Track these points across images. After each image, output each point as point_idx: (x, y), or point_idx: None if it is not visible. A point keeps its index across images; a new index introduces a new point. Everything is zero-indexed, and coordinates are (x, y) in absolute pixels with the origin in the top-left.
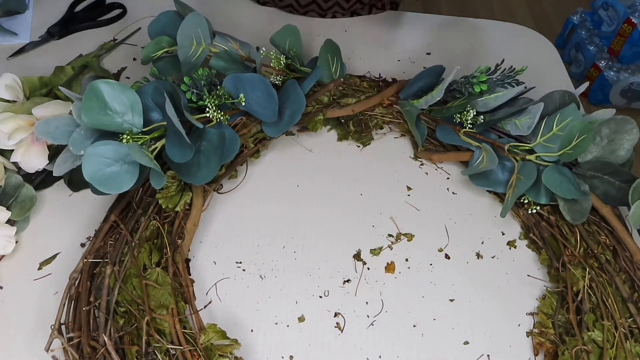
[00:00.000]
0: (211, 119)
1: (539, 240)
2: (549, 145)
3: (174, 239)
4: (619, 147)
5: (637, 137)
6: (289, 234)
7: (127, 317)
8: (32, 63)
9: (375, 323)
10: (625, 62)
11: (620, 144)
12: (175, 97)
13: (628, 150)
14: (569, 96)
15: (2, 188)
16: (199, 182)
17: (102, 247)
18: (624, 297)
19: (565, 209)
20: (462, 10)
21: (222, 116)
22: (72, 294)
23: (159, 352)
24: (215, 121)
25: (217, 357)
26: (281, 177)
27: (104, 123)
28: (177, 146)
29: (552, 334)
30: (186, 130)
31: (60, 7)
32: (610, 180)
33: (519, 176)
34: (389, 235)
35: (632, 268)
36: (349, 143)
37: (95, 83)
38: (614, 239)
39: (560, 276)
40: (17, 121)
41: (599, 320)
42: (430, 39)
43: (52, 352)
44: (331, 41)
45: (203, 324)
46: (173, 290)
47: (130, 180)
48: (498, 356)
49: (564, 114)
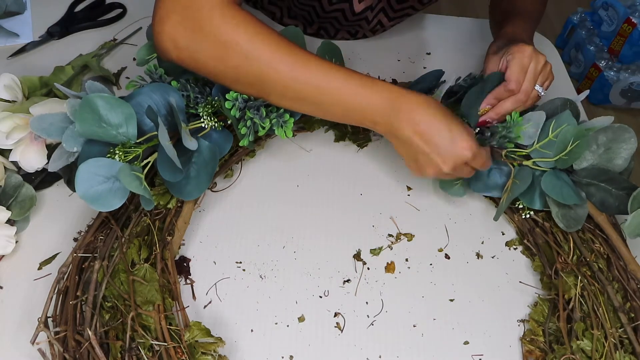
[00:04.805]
0: (205, 127)
1: (533, 247)
2: (545, 151)
3: (164, 235)
4: (616, 156)
5: (635, 146)
6: (289, 234)
7: (113, 312)
8: (32, 63)
9: (375, 323)
10: (625, 62)
11: (618, 153)
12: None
13: (625, 160)
14: (571, 104)
15: (2, 188)
16: (187, 197)
17: (92, 242)
18: (615, 306)
19: (558, 216)
20: (462, 10)
21: (216, 123)
22: (61, 288)
23: (143, 348)
24: (209, 128)
25: (200, 355)
26: (280, 176)
27: (98, 134)
28: (168, 166)
29: (542, 342)
30: (179, 137)
31: (60, 7)
32: (606, 188)
33: (514, 181)
34: (389, 235)
35: (625, 277)
36: (346, 143)
37: (91, 97)
38: (608, 247)
39: (552, 283)
40: (15, 120)
41: (588, 329)
42: (430, 39)
43: (37, 345)
44: (330, 42)
45: (189, 321)
46: (161, 287)
47: (121, 198)
48: (498, 356)
49: (559, 120)
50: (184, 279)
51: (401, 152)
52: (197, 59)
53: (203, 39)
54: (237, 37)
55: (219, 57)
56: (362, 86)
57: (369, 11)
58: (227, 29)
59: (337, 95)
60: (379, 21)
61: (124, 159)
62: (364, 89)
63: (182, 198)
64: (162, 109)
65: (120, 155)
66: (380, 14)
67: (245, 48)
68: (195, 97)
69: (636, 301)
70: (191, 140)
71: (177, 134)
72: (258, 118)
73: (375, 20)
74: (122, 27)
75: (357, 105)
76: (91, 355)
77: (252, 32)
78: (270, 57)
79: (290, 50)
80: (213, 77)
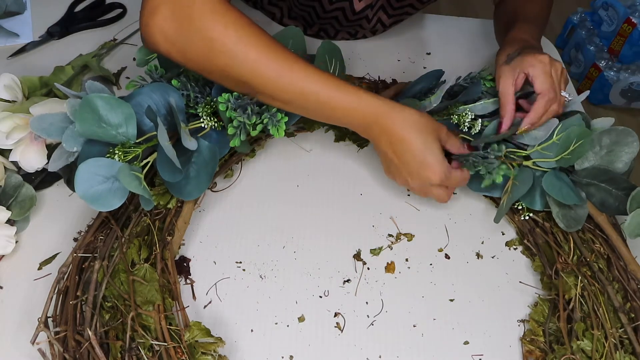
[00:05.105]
0: (205, 127)
1: (533, 247)
2: (545, 152)
3: (164, 235)
4: (617, 159)
5: (636, 150)
6: (289, 234)
7: (113, 312)
8: (32, 63)
9: (375, 323)
10: (625, 62)
11: (619, 156)
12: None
13: (626, 164)
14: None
15: (2, 188)
16: (187, 197)
17: (92, 242)
18: (615, 306)
19: (559, 216)
20: (462, 10)
21: (216, 123)
22: (61, 288)
23: (142, 348)
24: (209, 128)
25: (200, 355)
26: (280, 176)
27: (98, 134)
28: (167, 166)
29: (542, 342)
30: (178, 137)
31: (60, 7)
32: (607, 188)
33: (514, 182)
34: (389, 235)
35: (625, 277)
36: (346, 143)
37: (91, 97)
38: (608, 247)
39: (552, 284)
40: (15, 120)
41: (589, 329)
42: (430, 39)
43: (37, 345)
44: (329, 42)
45: (189, 321)
46: (161, 287)
47: (120, 198)
48: (498, 356)
49: (565, 124)
50: (184, 279)
51: (378, 154)
52: (185, 53)
53: (192, 35)
54: (225, 37)
55: (207, 54)
56: (347, 100)
57: (369, 9)
58: (217, 27)
59: (322, 106)
60: (379, 19)
61: (124, 159)
62: (348, 103)
63: (182, 198)
64: (161, 108)
65: (120, 155)
66: (380, 11)
67: (233, 49)
68: (195, 96)
69: (636, 301)
70: (191, 140)
71: (176, 134)
72: (245, 118)
73: (375, 19)
74: (122, 27)
75: (340, 115)
76: (91, 355)
77: (240, 33)
78: (257, 61)
79: (277, 55)
80: (201, 72)
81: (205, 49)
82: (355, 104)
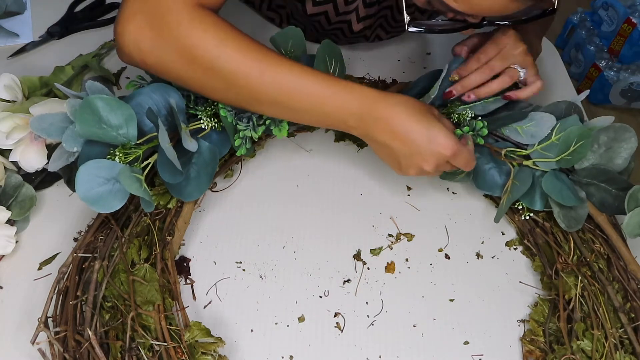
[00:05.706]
0: (205, 128)
1: (533, 247)
2: (545, 153)
3: (164, 235)
4: (617, 156)
5: (635, 145)
6: (289, 234)
7: (113, 312)
8: (32, 63)
9: (375, 323)
10: (625, 62)
11: (618, 153)
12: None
13: (625, 159)
14: (575, 108)
15: (2, 188)
16: (187, 198)
17: (92, 242)
18: (615, 306)
19: (560, 216)
20: None
21: (216, 124)
22: (61, 288)
23: (142, 348)
24: (209, 129)
25: (200, 355)
26: (280, 176)
27: (98, 135)
28: (168, 167)
29: (542, 342)
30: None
31: (60, 7)
32: (606, 188)
33: (514, 182)
34: (389, 235)
35: (625, 277)
36: (346, 143)
37: (91, 99)
38: (608, 247)
39: (552, 284)
40: (15, 120)
41: (589, 329)
42: (430, 39)
43: (37, 345)
44: (329, 42)
45: (189, 321)
46: (161, 287)
47: (121, 200)
48: (498, 356)
49: (564, 124)
50: (184, 279)
51: (381, 155)
52: (162, 63)
53: (170, 43)
54: (205, 42)
55: (186, 62)
56: (335, 92)
57: (367, 30)
58: (195, 33)
59: (310, 102)
60: (377, 36)
61: (124, 160)
62: (337, 95)
63: (183, 199)
64: (162, 109)
65: (121, 156)
66: (379, 29)
67: (214, 53)
68: (195, 97)
69: (636, 301)
70: (191, 141)
71: (177, 134)
72: (250, 130)
73: (374, 36)
74: None
75: (330, 110)
76: (91, 355)
77: (221, 36)
78: (239, 62)
79: (260, 55)
80: (180, 82)
81: (186, 55)
82: (346, 93)
